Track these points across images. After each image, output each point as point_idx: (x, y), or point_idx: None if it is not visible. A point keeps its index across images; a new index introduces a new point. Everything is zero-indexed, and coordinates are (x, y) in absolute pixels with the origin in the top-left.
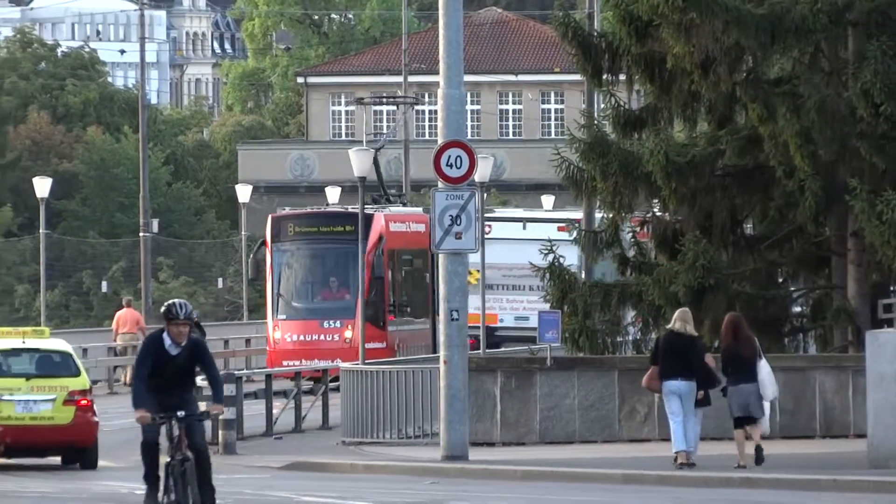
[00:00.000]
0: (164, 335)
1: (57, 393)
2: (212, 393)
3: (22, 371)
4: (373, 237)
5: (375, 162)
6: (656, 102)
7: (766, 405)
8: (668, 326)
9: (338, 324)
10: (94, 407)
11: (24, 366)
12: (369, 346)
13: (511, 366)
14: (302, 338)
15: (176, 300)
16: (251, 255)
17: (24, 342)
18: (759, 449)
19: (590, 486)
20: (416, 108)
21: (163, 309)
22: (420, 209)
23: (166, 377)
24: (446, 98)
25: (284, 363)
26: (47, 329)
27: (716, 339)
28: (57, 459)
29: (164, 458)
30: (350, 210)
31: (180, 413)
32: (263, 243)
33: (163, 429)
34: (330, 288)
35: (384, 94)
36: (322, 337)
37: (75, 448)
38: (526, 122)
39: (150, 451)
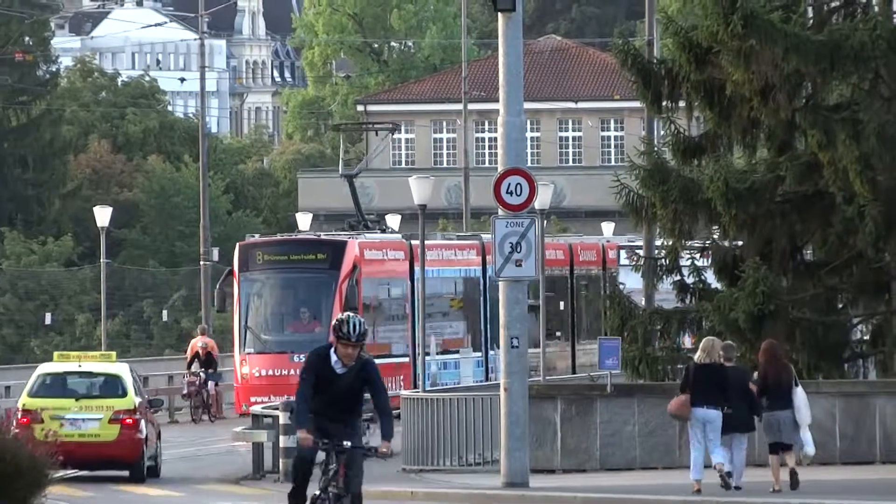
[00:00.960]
0: (332, 351)
1: (104, 412)
2: (379, 426)
3: (73, 392)
4: (346, 266)
5: (352, 187)
6: (716, 129)
7: (806, 432)
8: (695, 358)
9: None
10: (141, 425)
11: (75, 387)
12: None
13: (571, 393)
14: (271, 372)
15: (349, 315)
16: (217, 286)
17: (79, 366)
18: (794, 473)
19: None
20: (477, 135)
21: (333, 323)
22: (399, 236)
23: (330, 398)
24: (506, 126)
25: (253, 400)
26: (113, 354)
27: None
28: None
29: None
30: (322, 237)
31: (346, 443)
32: (231, 273)
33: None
34: (301, 319)
35: (362, 123)
36: (293, 371)
37: (121, 463)
38: (586, 149)
39: (303, 466)
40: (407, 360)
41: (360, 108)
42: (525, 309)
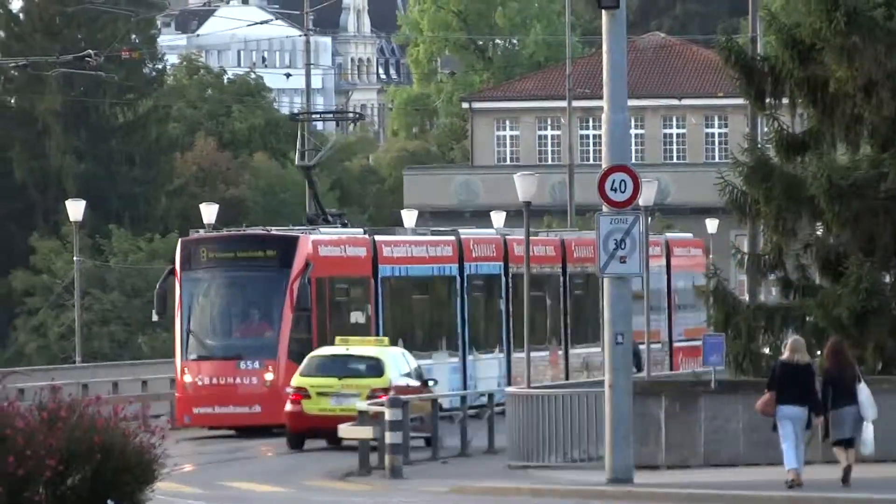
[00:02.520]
0: None
1: (362, 391)
2: None
3: (338, 372)
4: (297, 263)
5: (309, 179)
6: (819, 126)
7: (869, 427)
8: (783, 357)
9: (257, 364)
10: None
11: (340, 368)
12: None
13: (675, 389)
14: (215, 381)
15: None
16: (157, 286)
17: (347, 349)
18: (847, 469)
19: None
20: (581, 132)
21: None
22: (360, 230)
23: None
24: (610, 123)
25: (196, 411)
26: (386, 339)
27: (879, 362)
28: None
29: None
30: (272, 232)
31: None
32: (172, 272)
33: None
34: (248, 323)
35: (326, 111)
36: (239, 380)
37: None
38: (689, 146)
39: None
40: None
41: (465, 105)
42: (629, 306)
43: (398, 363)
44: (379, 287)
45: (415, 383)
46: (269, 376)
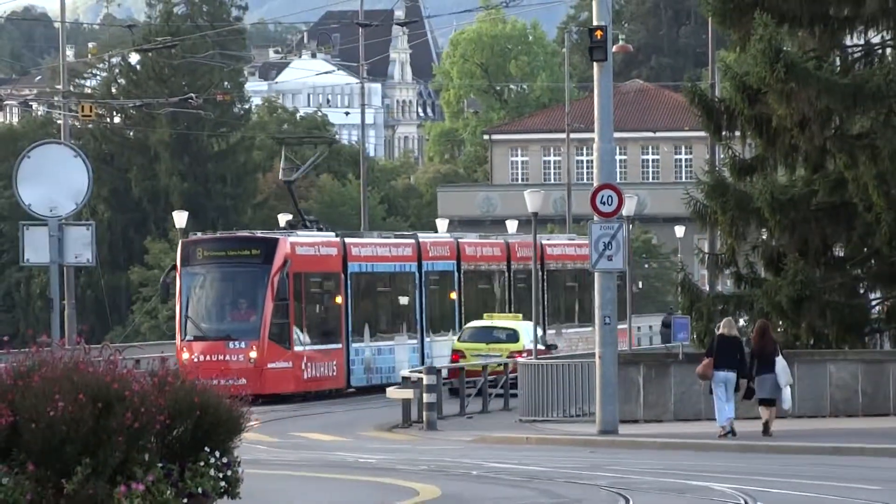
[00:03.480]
0: None
1: (503, 352)
2: None
3: (485, 339)
4: (277, 261)
5: (290, 191)
6: (764, 153)
7: (787, 389)
8: (718, 332)
9: (243, 344)
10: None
11: (487, 336)
12: (274, 365)
13: (651, 360)
14: (208, 358)
15: None
16: (162, 279)
17: (492, 323)
18: (767, 424)
19: (713, 454)
20: (577, 158)
21: None
22: (333, 234)
23: None
24: (600, 150)
25: None
26: (521, 315)
27: (811, 338)
28: None
29: None
30: (257, 235)
31: None
32: (174, 267)
33: None
34: (236, 310)
35: (305, 136)
36: (228, 357)
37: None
38: (662, 168)
39: None
40: (339, 346)
41: (486, 136)
42: (615, 294)
43: (529, 333)
44: (348, 281)
45: (541, 347)
46: (253, 354)
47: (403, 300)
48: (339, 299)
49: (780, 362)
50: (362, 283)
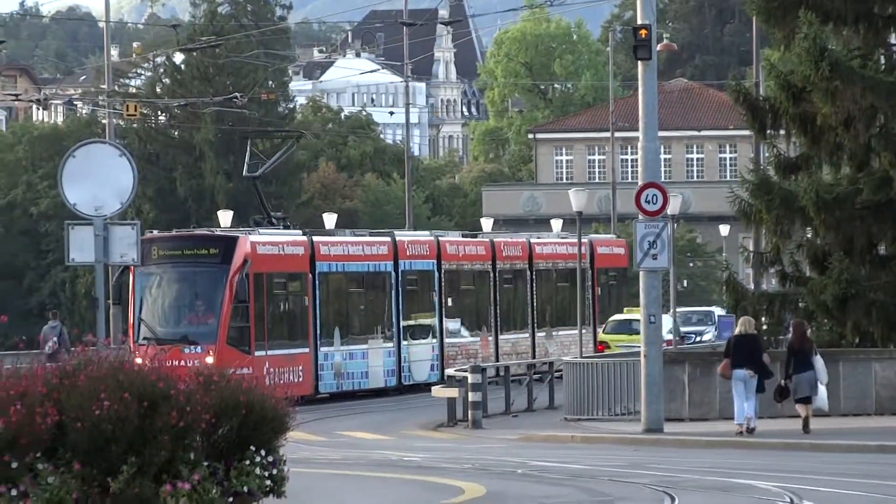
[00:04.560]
0: None
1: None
2: None
3: (627, 331)
4: (237, 260)
5: (256, 188)
6: (808, 151)
7: (822, 388)
8: (735, 331)
9: (199, 349)
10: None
11: (629, 328)
12: (232, 371)
13: (696, 358)
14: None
15: None
16: (115, 278)
17: (632, 316)
18: (807, 421)
19: (757, 451)
20: (622, 157)
21: None
22: (300, 232)
23: None
24: (645, 149)
25: None
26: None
27: (856, 337)
28: None
29: None
30: (216, 233)
31: None
32: (127, 267)
33: None
34: (192, 312)
35: (272, 129)
36: (183, 362)
37: None
38: (707, 167)
39: None
40: (306, 351)
41: (530, 135)
42: (660, 293)
43: (667, 324)
44: (316, 281)
45: (677, 338)
46: (209, 359)
47: (378, 302)
48: (305, 301)
49: (819, 361)
50: (332, 283)
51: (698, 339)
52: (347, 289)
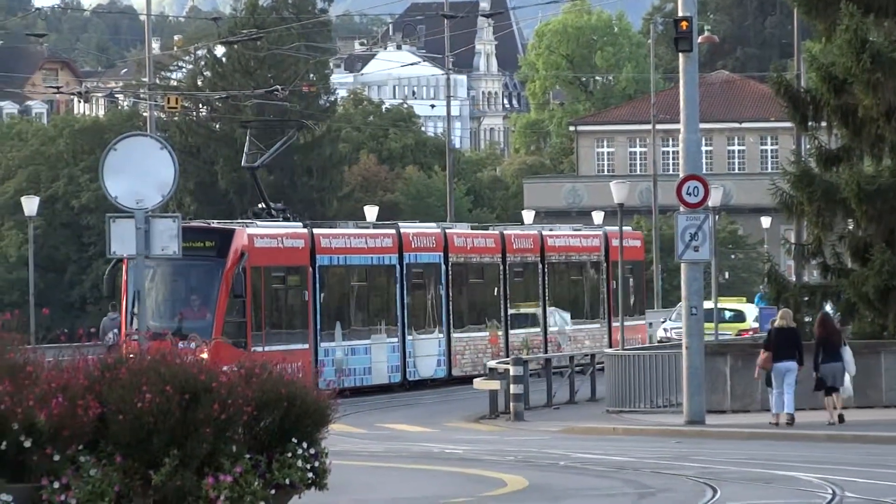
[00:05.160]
0: None
1: (732, 330)
2: None
3: (713, 318)
4: (233, 253)
5: (254, 178)
6: (850, 143)
7: (848, 379)
8: (775, 324)
9: (193, 345)
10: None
11: (710, 317)
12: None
13: (738, 350)
14: None
15: None
16: (106, 272)
17: (716, 305)
18: (841, 415)
19: (799, 443)
20: (663, 149)
21: None
22: (300, 224)
23: None
24: (686, 141)
25: None
26: (745, 298)
27: None
28: None
29: None
30: (212, 225)
31: None
32: (120, 259)
33: None
34: (187, 307)
35: (271, 117)
36: None
37: None
38: (748, 159)
39: None
40: (306, 347)
41: (571, 128)
42: (701, 285)
43: (753, 314)
44: (317, 275)
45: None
46: (204, 356)
47: (382, 296)
48: (305, 295)
49: (847, 352)
50: (333, 277)
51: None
52: (350, 282)
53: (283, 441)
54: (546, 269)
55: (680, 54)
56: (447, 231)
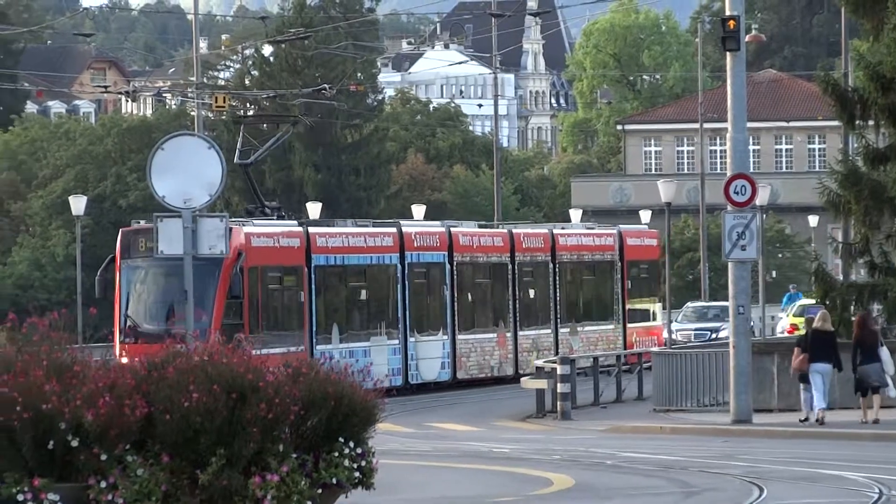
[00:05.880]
0: None
1: None
2: None
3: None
4: (230, 253)
5: (248, 175)
6: None
7: (889, 379)
8: (813, 326)
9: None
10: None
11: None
12: None
13: (785, 349)
14: None
15: None
16: (98, 273)
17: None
18: (876, 411)
19: (845, 442)
20: (710, 148)
21: None
22: (295, 223)
23: None
24: (733, 140)
25: None
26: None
27: None
28: None
29: None
30: None
31: None
32: (113, 260)
33: None
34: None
35: (267, 114)
36: None
37: None
38: (796, 158)
39: None
40: (301, 349)
41: (619, 126)
42: (748, 284)
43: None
44: (312, 275)
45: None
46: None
47: (382, 296)
48: (301, 296)
49: (885, 352)
50: (330, 277)
51: (714, 336)
52: (347, 283)
53: (330, 440)
54: (557, 269)
55: (727, 53)
56: (452, 229)
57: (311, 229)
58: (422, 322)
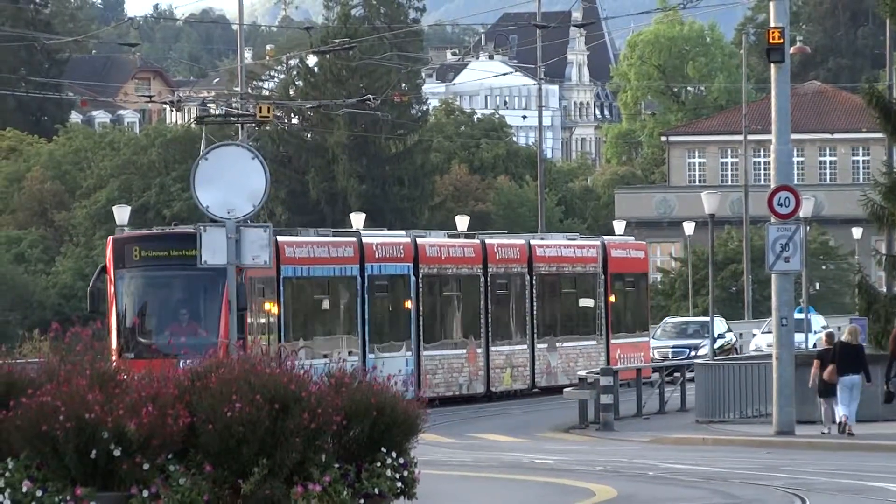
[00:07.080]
0: None
1: None
2: None
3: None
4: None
5: None
6: None
7: None
8: (842, 339)
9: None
10: None
11: None
12: None
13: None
14: None
15: None
16: (90, 284)
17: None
18: None
19: (888, 454)
20: (754, 160)
21: None
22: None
23: None
24: (777, 152)
25: None
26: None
27: None
28: None
29: None
30: None
31: None
32: (104, 269)
33: None
34: (187, 321)
35: (226, 114)
36: None
37: None
38: (839, 170)
39: None
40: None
41: (663, 138)
42: (792, 296)
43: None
44: (281, 286)
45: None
46: None
47: (343, 310)
48: (273, 308)
49: None
50: (296, 289)
51: (693, 353)
52: (311, 295)
53: (373, 450)
54: (534, 282)
55: (772, 65)
56: (418, 240)
57: (280, 238)
58: (383, 337)
